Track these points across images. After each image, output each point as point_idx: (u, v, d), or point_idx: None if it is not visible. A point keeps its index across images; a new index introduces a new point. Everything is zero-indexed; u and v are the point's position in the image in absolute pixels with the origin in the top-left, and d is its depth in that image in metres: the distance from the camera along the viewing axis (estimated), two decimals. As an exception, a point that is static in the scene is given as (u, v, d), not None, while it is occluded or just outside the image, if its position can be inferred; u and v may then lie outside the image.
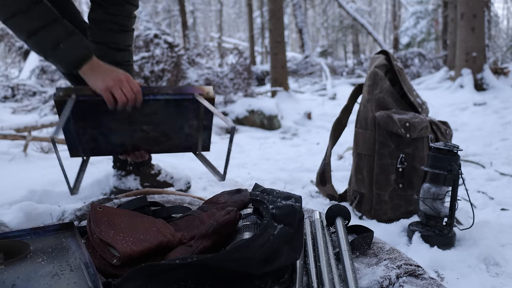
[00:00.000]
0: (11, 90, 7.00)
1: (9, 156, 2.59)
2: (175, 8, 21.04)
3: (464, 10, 6.20)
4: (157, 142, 1.41)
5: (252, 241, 0.75)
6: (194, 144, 1.45)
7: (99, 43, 1.43)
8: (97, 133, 1.32)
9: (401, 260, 0.93)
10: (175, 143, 1.43)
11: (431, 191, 1.38)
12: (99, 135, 1.32)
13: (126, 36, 1.46)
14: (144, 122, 1.33)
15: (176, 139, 1.41)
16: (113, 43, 1.44)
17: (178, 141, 1.42)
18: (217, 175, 1.31)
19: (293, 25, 24.98)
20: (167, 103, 1.29)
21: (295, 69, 13.15)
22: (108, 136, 1.33)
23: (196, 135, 1.42)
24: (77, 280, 0.78)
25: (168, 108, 1.30)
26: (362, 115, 1.73)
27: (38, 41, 1.13)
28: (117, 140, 1.36)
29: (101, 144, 1.35)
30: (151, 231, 0.96)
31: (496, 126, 4.18)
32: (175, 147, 1.45)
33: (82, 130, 1.30)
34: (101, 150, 1.38)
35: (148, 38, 5.90)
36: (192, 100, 1.30)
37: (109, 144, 1.36)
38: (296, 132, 4.93)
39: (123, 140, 1.37)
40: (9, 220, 1.28)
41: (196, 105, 1.32)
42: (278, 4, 7.09)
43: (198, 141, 1.45)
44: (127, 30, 1.46)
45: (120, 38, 1.45)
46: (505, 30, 25.48)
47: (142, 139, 1.38)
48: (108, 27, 1.41)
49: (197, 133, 1.42)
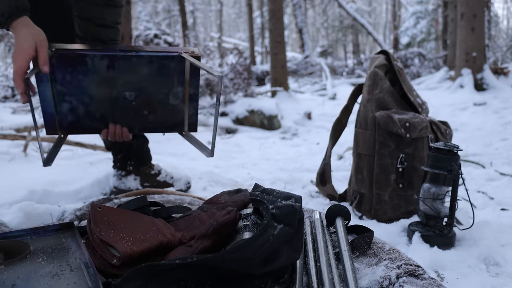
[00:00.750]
0: (11, 90, 7.00)
1: (9, 156, 2.59)
2: (175, 8, 21.05)
3: (464, 10, 6.20)
4: (140, 117, 1.32)
5: (252, 241, 0.75)
6: (180, 121, 1.37)
7: (84, 19, 1.37)
8: (76, 101, 1.24)
9: (401, 260, 0.93)
10: (159, 119, 1.34)
11: (431, 191, 1.38)
12: (78, 104, 1.24)
13: (113, 12, 1.40)
14: (126, 86, 1.25)
15: (160, 112, 1.32)
16: (99, 19, 1.38)
17: (163, 116, 1.33)
18: (205, 151, 1.26)
19: (293, 25, 24.98)
20: (150, 61, 1.23)
21: (295, 69, 13.15)
22: (87, 105, 1.25)
23: (182, 108, 1.34)
24: (77, 280, 0.78)
25: (151, 67, 1.24)
26: (362, 115, 1.73)
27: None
28: (97, 111, 1.27)
29: (80, 118, 1.26)
30: (151, 231, 0.96)
31: (496, 126, 4.18)
32: (160, 125, 1.36)
33: (60, 97, 1.22)
34: (80, 125, 1.28)
35: (148, 38, 5.90)
36: (177, 59, 1.24)
37: (88, 117, 1.27)
38: (296, 132, 4.93)
39: (103, 112, 1.28)
40: (9, 220, 1.28)
41: (182, 66, 1.26)
42: (278, 4, 7.09)
43: (184, 118, 1.37)
44: (115, 5, 1.40)
45: (106, 13, 1.39)
46: (505, 30, 25.48)
47: (124, 112, 1.29)
48: (93, 1, 1.35)
49: (183, 105, 1.34)
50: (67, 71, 1.19)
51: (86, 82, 1.22)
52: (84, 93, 1.23)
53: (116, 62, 1.21)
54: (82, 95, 1.23)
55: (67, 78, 1.20)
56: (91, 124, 1.28)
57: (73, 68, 1.19)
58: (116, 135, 1.29)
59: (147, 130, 1.37)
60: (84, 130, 1.30)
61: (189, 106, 1.35)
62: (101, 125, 1.30)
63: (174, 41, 6.21)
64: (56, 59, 1.17)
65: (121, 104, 1.27)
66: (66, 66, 1.18)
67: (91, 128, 1.30)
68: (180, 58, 1.25)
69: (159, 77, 1.26)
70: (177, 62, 1.26)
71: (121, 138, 1.31)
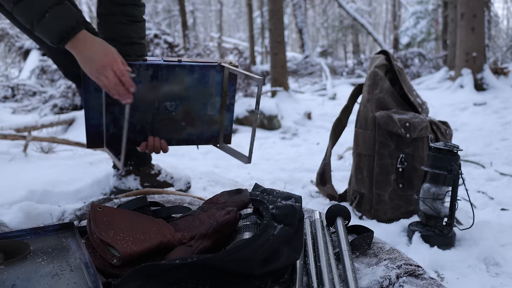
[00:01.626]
0: (11, 90, 7.00)
1: (9, 156, 2.59)
2: (175, 8, 21.05)
3: (464, 10, 6.20)
4: (178, 129, 1.32)
5: (252, 241, 0.75)
6: (215, 133, 1.38)
7: (110, 39, 1.37)
8: (120, 112, 1.23)
9: (401, 260, 0.93)
10: (197, 131, 1.35)
11: (431, 191, 1.38)
12: (122, 116, 1.23)
13: (137, 27, 1.42)
14: (168, 96, 1.26)
15: (198, 123, 1.34)
16: (125, 37, 1.40)
17: (201, 127, 1.34)
18: (242, 158, 1.28)
19: (293, 25, 24.98)
20: (191, 71, 1.25)
21: (295, 69, 13.15)
22: (130, 116, 1.24)
23: (218, 119, 1.35)
24: (77, 280, 0.78)
25: (192, 77, 1.26)
26: (362, 115, 1.73)
27: (24, 8, 1.06)
28: (138, 122, 1.27)
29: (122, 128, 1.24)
30: (151, 231, 0.96)
31: (496, 126, 4.18)
32: (197, 137, 1.36)
33: (105, 109, 1.22)
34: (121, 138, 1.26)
35: (148, 38, 5.90)
36: (216, 69, 1.28)
37: (130, 129, 1.26)
38: (296, 132, 4.93)
39: (144, 124, 1.28)
40: (9, 220, 1.28)
41: (220, 77, 1.29)
42: (278, 4, 7.09)
43: (220, 130, 1.38)
44: (137, 20, 1.42)
45: (131, 30, 1.41)
46: (505, 30, 25.49)
47: (163, 123, 1.30)
48: (118, 20, 1.38)
49: (220, 116, 1.35)
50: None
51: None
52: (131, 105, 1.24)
53: (159, 72, 1.23)
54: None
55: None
56: (132, 136, 1.28)
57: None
58: (155, 148, 1.28)
59: (184, 142, 1.36)
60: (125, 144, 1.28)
61: (226, 117, 1.37)
62: (140, 137, 1.30)
63: (174, 41, 6.21)
64: None
65: (161, 115, 1.28)
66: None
67: (130, 141, 1.29)
68: (220, 67, 1.28)
69: (199, 87, 1.29)
70: (217, 72, 1.29)
71: (158, 151, 1.30)
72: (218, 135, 1.39)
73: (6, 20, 8.24)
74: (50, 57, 1.51)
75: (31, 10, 1.06)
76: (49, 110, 5.35)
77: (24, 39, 8.14)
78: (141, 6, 1.43)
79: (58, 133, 4.07)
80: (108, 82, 1.11)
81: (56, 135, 3.81)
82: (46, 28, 1.08)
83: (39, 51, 7.63)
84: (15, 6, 1.06)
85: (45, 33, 1.09)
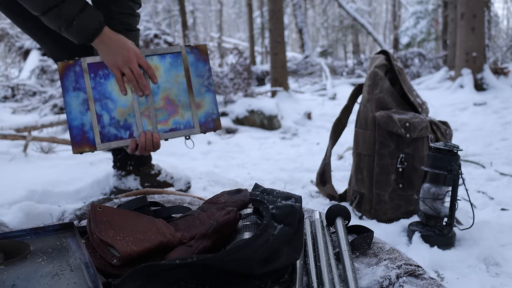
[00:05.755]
0: (11, 90, 6.99)
1: (9, 156, 2.59)
2: (175, 8, 21.05)
3: (464, 10, 6.20)
4: (162, 117, 1.29)
5: (252, 241, 0.75)
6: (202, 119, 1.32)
7: None
8: (103, 109, 1.24)
9: (401, 260, 0.93)
10: (182, 118, 1.30)
11: (431, 191, 1.38)
12: (105, 113, 1.24)
13: (131, 36, 1.46)
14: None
15: (181, 110, 1.30)
16: None
17: (185, 114, 1.31)
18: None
19: (293, 25, 24.98)
20: (163, 59, 1.30)
21: (295, 69, 13.15)
22: (113, 111, 1.25)
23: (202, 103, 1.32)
24: (77, 280, 0.78)
25: (164, 63, 1.30)
26: (362, 115, 1.73)
27: (52, 17, 1.16)
28: (121, 114, 1.26)
29: (109, 127, 1.24)
30: (151, 231, 0.96)
31: (496, 126, 4.18)
32: (183, 125, 1.31)
33: (87, 106, 1.23)
34: (109, 137, 1.25)
35: (148, 38, 5.90)
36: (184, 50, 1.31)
37: (114, 123, 1.25)
38: (296, 132, 4.93)
39: (127, 116, 1.26)
40: (9, 220, 1.28)
41: (193, 58, 1.32)
42: (278, 4, 7.08)
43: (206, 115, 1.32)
44: (132, 29, 1.47)
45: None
46: (505, 30, 25.49)
47: (146, 114, 1.27)
48: (114, 28, 1.39)
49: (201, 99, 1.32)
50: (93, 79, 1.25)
51: (112, 87, 1.26)
52: (110, 99, 1.26)
53: None
54: (108, 101, 1.26)
55: (93, 85, 1.25)
56: (117, 133, 1.26)
57: (95, 74, 1.25)
58: (147, 143, 1.25)
59: (173, 133, 1.31)
60: (114, 142, 1.26)
61: (206, 99, 1.32)
62: (126, 133, 1.26)
63: (174, 41, 6.21)
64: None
65: (142, 104, 1.28)
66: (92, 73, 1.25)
67: (118, 138, 1.26)
68: (187, 48, 1.30)
69: (171, 72, 1.31)
70: (188, 53, 1.32)
71: (151, 147, 1.26)
72: (206, 121, 1.32)
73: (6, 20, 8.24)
74: (51, 57, 1.52)
75: (59, 19, 1.17)
76: (49, 110, 5.34)
77: (24, 39, 8.13)
78: (137, 16, 1.49)
79: (58, 133, 4.06)
80: (128, 75, 1.25)
81: (56, 135, 3.81)
82: (74, 33, 1.20)
83: (39, 51, 7.63)
84: (43, 15, 1.16)
85: (73, 37, 1.22)
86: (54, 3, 1.13)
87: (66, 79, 1.23)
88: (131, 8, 1.45)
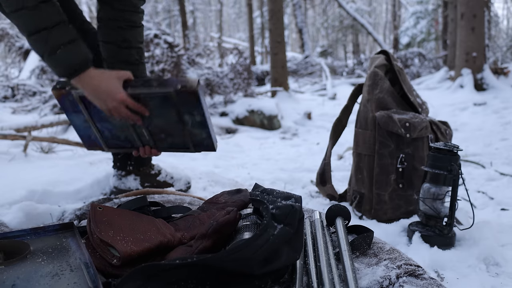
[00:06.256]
0: (11, 90, 6.99)
1: (9, 156, 2.59)
2: (175, 8, 21.05)
3: (464, 10, 6.20)
4: (159, 139, 1.33)
5: (252, 241, 0.75)
6: (197, 142, 1.33)
7: (109, 43, 1.43)
8: (102, 125, 1.30)
9: (401, 260, 0.93)
10: (179, 140, 1.33)
11: (431, 191, 1.38)
12: (104, 127, 1.31)
13: (136, 32, 1.45)
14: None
15: (176, 135, 1.32)
16: (124, 41, 1.44)
17: (180, 139, 1.32)
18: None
19: (293, 25, 24.97)
20: (152, 97, 1.22)
21: (295, 69, 13.15)
22: (112, 130, 1.31)
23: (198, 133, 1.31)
24: (77, 280, 0.78)
25: (154, 101, 1.23)
26: (362, 115, 1.73)
27: (38, 40, 1.10)
28: (120, 132, 1.31)
29: (109, 138, 1.34)
30: (151, 231, 0.96)
31: (496, 126, 4.18)
32: (181, 145, 1.34)
33: (89, 124, 1.29)
34: (114, 144, 1.36)
35: (148, 38, 5.89)
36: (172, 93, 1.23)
37: (114, 137, 1.33)
38: (296, 132, 4.93)
39: (127, 134, 1.31)
40: (9, 220, 1.28)
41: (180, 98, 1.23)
42: (278, 4, 7.08)
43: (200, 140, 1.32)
44: (136, 25, 1.46)
45: (129, 35, 1.44)
46: (505, 30, 25.50)
47: (144, 134, 1.31)
48: (117, 25, 1.41)
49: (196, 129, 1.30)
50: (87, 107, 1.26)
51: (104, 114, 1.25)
52: (107, 122, 1.29)
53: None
54: (106, 123, 1.29)
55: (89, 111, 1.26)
56: (120, 143, 1.36)
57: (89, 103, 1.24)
58: (147, 154, 1.35)
59: (172, 148, 1.36)
60: (120, 147, 1.38)
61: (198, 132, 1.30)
62: (128, 144, 1.35)
63: (174, 41, 6.20)
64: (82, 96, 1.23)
65: (138, 128, 1.29)
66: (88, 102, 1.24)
67: (120, 147, 1.38)
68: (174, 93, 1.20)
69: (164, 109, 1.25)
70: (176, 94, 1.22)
71: (151, 156, 1.38)
72: (201, 145, 1.33)
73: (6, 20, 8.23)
74: None
75: (44, 45, 1.09)
76: (49, 110, 5.34)
77: (24, 39, 8.13)
78: (140, 13, 1.47)
79: (58, 133, 4.07)
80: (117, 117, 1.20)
81: (56, 135, 3.81)
82: (55, 63, 1.12)
83: (39, 51, 7.60)
84: (29, 37, 1.10)
85: (53, 67, 1.14)
86: (44, 26, 1.07)
87: (64, 103, 1.25)
88: (135, 5, 1.43)
